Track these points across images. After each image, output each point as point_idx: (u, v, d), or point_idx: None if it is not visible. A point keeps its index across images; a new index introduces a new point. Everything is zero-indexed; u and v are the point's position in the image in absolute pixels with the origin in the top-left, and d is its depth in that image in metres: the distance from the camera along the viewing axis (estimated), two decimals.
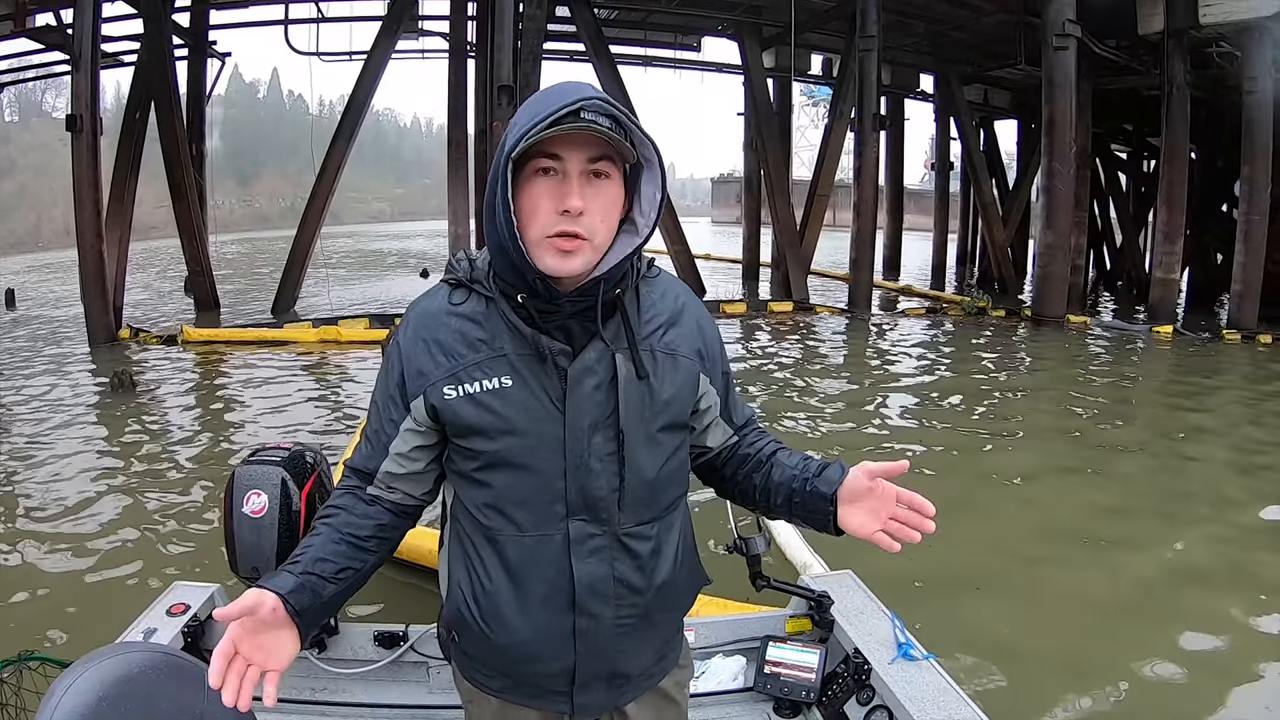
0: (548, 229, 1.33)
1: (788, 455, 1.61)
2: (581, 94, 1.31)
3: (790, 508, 1.56)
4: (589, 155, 1.34)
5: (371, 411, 1.52)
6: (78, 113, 12.69)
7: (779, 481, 1.57)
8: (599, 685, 1.51)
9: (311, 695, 2.53)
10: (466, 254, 1.52)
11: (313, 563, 1.40)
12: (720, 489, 1.72)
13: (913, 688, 2.24)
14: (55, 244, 41.48)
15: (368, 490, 1.50)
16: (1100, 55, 17.00)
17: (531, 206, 1.34)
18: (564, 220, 1.33)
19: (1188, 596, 4.77)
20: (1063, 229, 15.64)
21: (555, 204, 1.33)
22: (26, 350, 13.14)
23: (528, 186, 1.34)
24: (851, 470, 1.48)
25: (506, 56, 13.92)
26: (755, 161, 22.18)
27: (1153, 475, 7.07)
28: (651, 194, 1.43)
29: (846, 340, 14.63)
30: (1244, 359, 13.20)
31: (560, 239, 1.33)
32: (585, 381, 1.40)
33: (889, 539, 1.44)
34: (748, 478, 1.63)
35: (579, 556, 1.42)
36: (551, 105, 1.29)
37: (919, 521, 1.44)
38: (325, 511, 1.49)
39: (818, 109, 53.58)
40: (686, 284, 1.62)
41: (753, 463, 1.63)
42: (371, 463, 1.49)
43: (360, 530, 1.47)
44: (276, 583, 1.34)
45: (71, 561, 5.09)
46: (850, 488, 1.47)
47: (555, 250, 1.34)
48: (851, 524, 1.48)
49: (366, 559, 1.48)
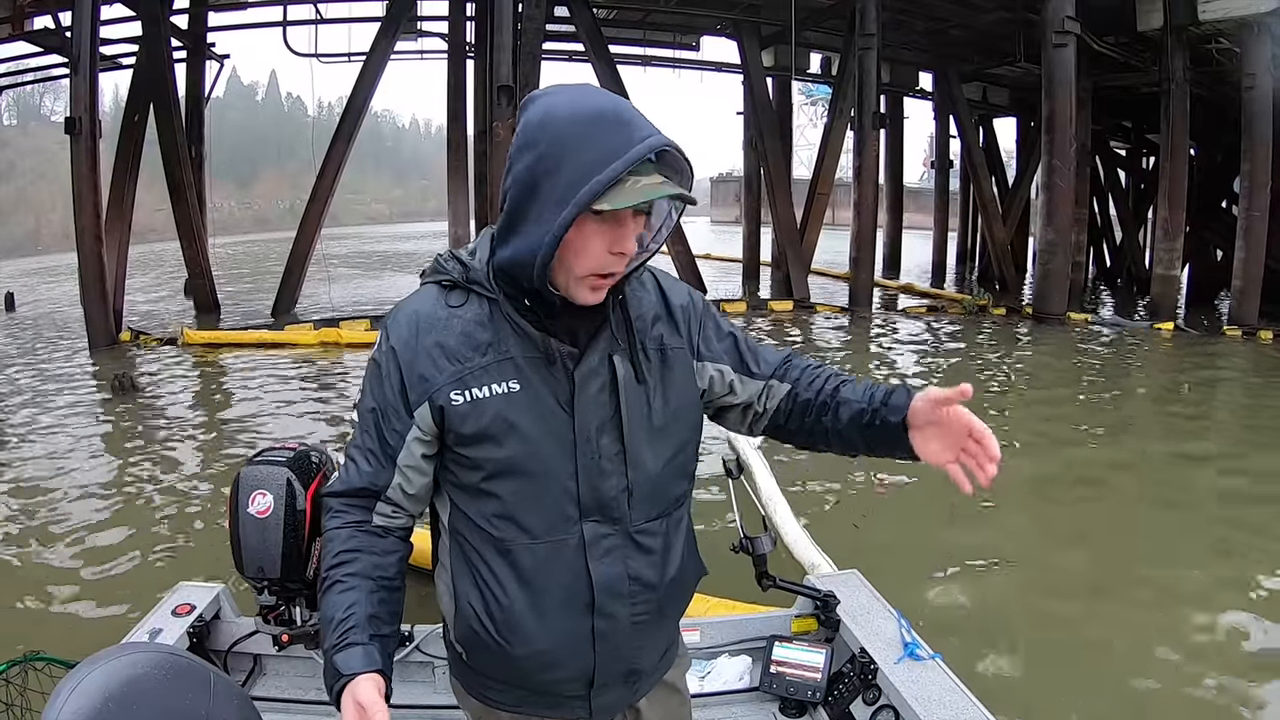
0: (598, 269, 1.31)
1: (850, 389, 1.54)
2: (664, 141, 1.26)
3: (870, 444, 1.52)
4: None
5: (366, 422, 1.45)
6: (77, 115, 12.70)
7: (848, 421, 1.51)
8: (616, 685, 1.50)
9: (318, 695, 2.52)
10: (455, 254, 1.47)
11: (368, 622, 1.38)
12: (795, 441, 1.64)
13: (919, 687, 2.24)
14: (54, 247, 41.45)
15: (374, 523, 1.45)
16: (1100, 52, 17.01)
17: (582, 246, 1.29)
18: (615, 261, 1.31)
19: (1179, 581, 4.81)
20: (1063, 226, 15.63)
21: (609, 245, 1.30)
22: (27, 353, 13.14)
23: (580, 223, 1.27)
24: (917, 397, 1.43)
25: (506, 57, 13.91)
26: (755, 160, 22.16)
27: (1151, 475, 7.07)
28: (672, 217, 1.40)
29: (847, 339, 14.62)
30: (1246, 355, 13.20)
31: (601, 278, 1.32)
32: (591, 383, 1.39)
33: (961, 474, 1.40)
34: (816, 423, 1.56)
35: (594, 558, 1.41)
36: (628, 156, 1.23)
37: (984, 463, 1.39)
38: (344, 558, 1.43)
39: (816, 108, 53.50)
40: (685, 282, 1.60)
41: (816, 407, 1.55)
42: (378, 479, 1.44)
43: (389, 570, 1.45)
44: (356, 663, 1.35)
45: (76, 563, 5.10)
46: (916, 413, 1.42)
47: (592, 289, 1.33)
48: (926, 452, 1.44)
49: (401, 598, 1.47)
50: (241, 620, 2.63)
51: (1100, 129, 20.99)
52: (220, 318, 16.82)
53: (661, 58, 23.78)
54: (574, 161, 1.24)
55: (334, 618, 1.38)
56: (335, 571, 1.42)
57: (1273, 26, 14.53)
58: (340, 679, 1.34)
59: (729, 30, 21.37)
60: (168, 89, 16.39)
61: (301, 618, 2.28)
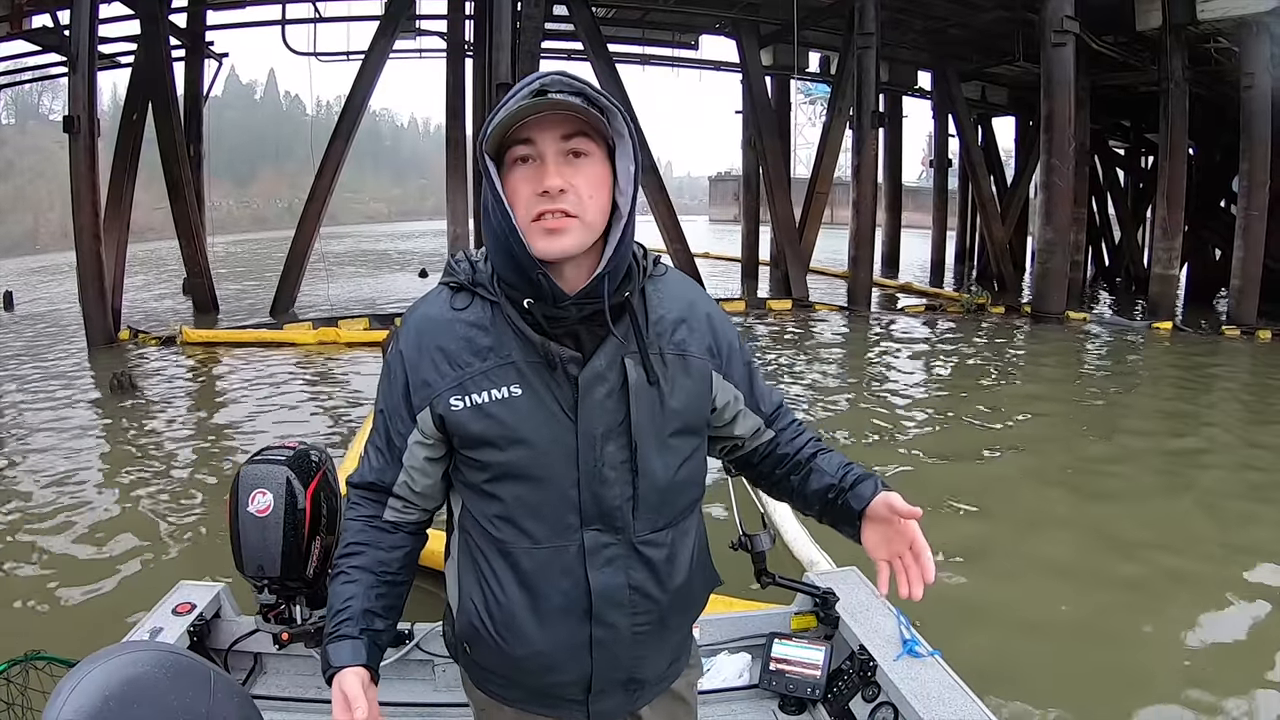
0: (530, 212, 1.32)
1: (827, 460, 1.60)
2: (543, 74, 1.31)
3: (822, 513, 1.58)
4: (562, 134, 1.32)
5: (378, 422, 1.49)
6: (75, 114, 12.69)
7: (815, 489, 1.57)
8: (615, 692, 1.50)
9: (318, 693, 2.52)
10: (466, 255, 1.48)
11: (362, 616, 1.43)
12: (756, 482, 1.71)
13: (918, 684, 2.25)
14: (53, 246, 41.47)
15: (385, 517, 1.48)
16: (1098, 51, 17.04)
17: (513, 195, 1.33)
18: (544, 201, 1.31)
19: (1178, 576, 4.81)
20: (1062, 225, 15.65)
21: (533, 187, 1.32)
22: (26, 352, 13.13)
23: (509, 178, 1.34)
24: (880, 497, 1.48)
25: (505, 55, 13.92)
26: (754, 159, 22.17)
27: (1150, 475, 7.07)
28: (626, 169, 1.38)
29: (846, 338, 14.63)
30: (1245, 354, 13.23)
31: (546, 219, 1.32)
32: (597, 389, 1.38)
33: (886, 573, 1.46)
34: (785, 478, 1.62)
35: (594, 566, 1.40)
36: (515, 91, 1.29)
37: (915, 577, 1.43)
38: (352, 549, 1.48)
39: (815, 107, 53.50)
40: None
41: (790, 463, 1.61)
42: (386, 476, 1.47)
43: (393, 565, 1.48)
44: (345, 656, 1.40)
45: (76, 561, 5.10)
46: (875, 509, 1.48)
47: (542, 231, 1.32)
48: (868, 541, 1.49)
49: (404, 591, 1.51)
50: (242, 619, 2.63)
51: (1099, 128, 21.00)
52: (219, 316, 16.82)
53: (660, 57, 23.78)
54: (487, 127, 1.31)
55: (333, 607, 1.45)
56: (342, 562, 1.48)
57: (1271, 26, 14.56)
58: (329, 670, 1.40)
59: (728, 29, 21.37)
60: (166, 88, 16.38)
61: (301, 616, 2.28)
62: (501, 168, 1.34)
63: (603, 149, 1.36)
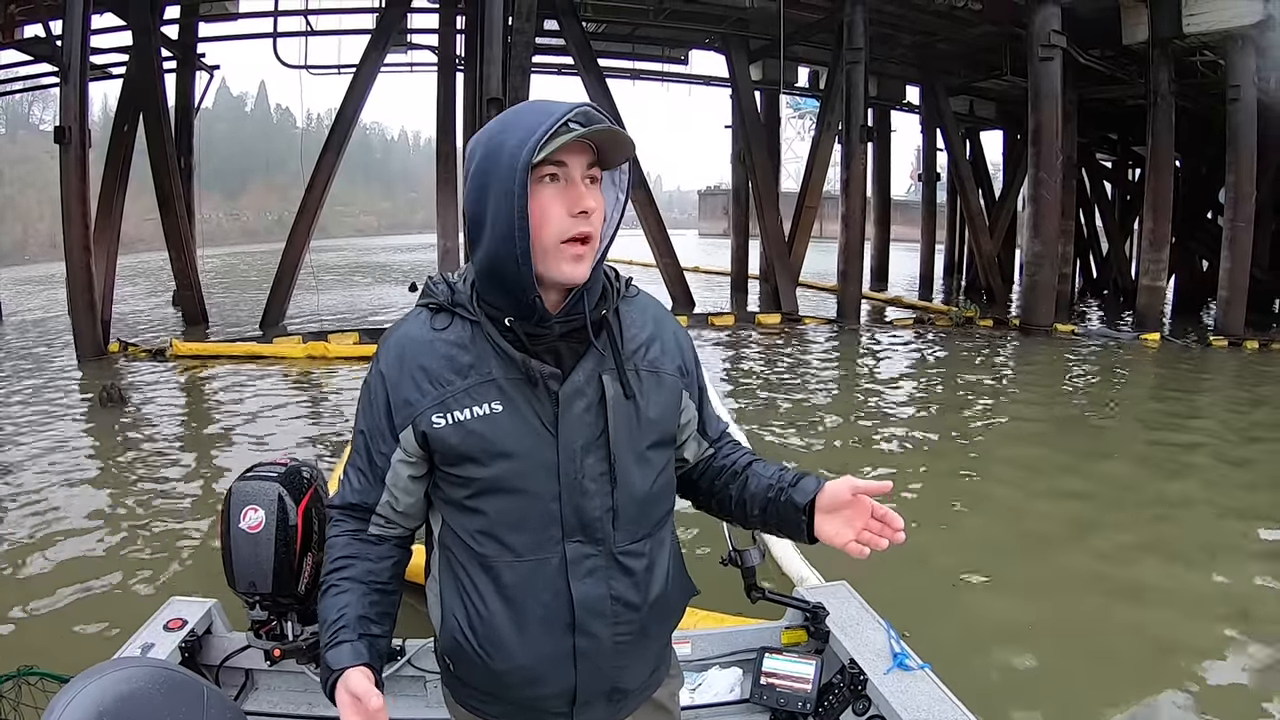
0: (564, 233, 1.35)
1: (763, 466, 1.64)
2: (577, 105, 1.34)
3: (765, 517, 1.59)
4: (587, 161, 1.37)
5: (358, 443, 1.51)
6: (66, 125, 12.65)
7: (754, 492, 1.60)
8: (599, 703, 1.51)
9: (310, 710, 2.52)
10: (444, 276, 1.51)
11: (358, 622, 1.44)
12: (696, 501, 1.73)
13: (908, 698, 2.25)
14: (42, 257, 41.37)
15: (370, 531, 1.50)
16: (1086, 65, 17.16)
17: (541, 214, 1.34)
18: (579, 221, 1.35)
19: (1168, 589, 4.83)
20: (1050, 238, 15.75)
21: (568, 207, 1.35)
22: (14, 365, 13.05)
23: (537, 195, 1.35)
24: (835, 482, 1.50)
25: (495, 70, 13.95)
26: (743, 173, 22.23)
27: (1140, 486, 7.09)
28: (614, 197, 1.46)
29: (835, 352, 14.65)
30: (1232, 365, 13.31)
31: (574, 244, 1.36)
32: (576, 403, 1.41)
33: (859, 547, 1.47)
34: (724, 489, 1.65)
35: (576, 578, 1.42)
36: (553, 114, 1.31)
37: (890, 534, 1.46)
38: (340, 564, 1.49)
39: (804, 121, 53.79)
40: (675, 297, 1.64)
41: (728, 474, 1.64)
42: (369, 497, 1.49)
43: (382, 575, 1.50)
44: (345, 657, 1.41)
45: (66, 576, 5.06)
46: (831, 497, 1.49)
47: (571, 257, 1.36)
48: (826, 532, 1.50)
49: (396, 601, 1.53)
50: (233, 635, 2.63)
51: (1086, 141, 21.16)
52: (209, 329, 16.77)
53: (650, 71, 23.86)
54: (509, 145, 1.31)
55: (327, 619, 1.45)
56: (331, 576, 1.49)
57: (1256, 39, 14.71)
58: (332, 674, 1.40)
59: (717, 44, 21.48)
60: (157, 99, 16.34)
61: (293, 633, 2.28)
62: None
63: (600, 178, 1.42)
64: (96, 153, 14.01)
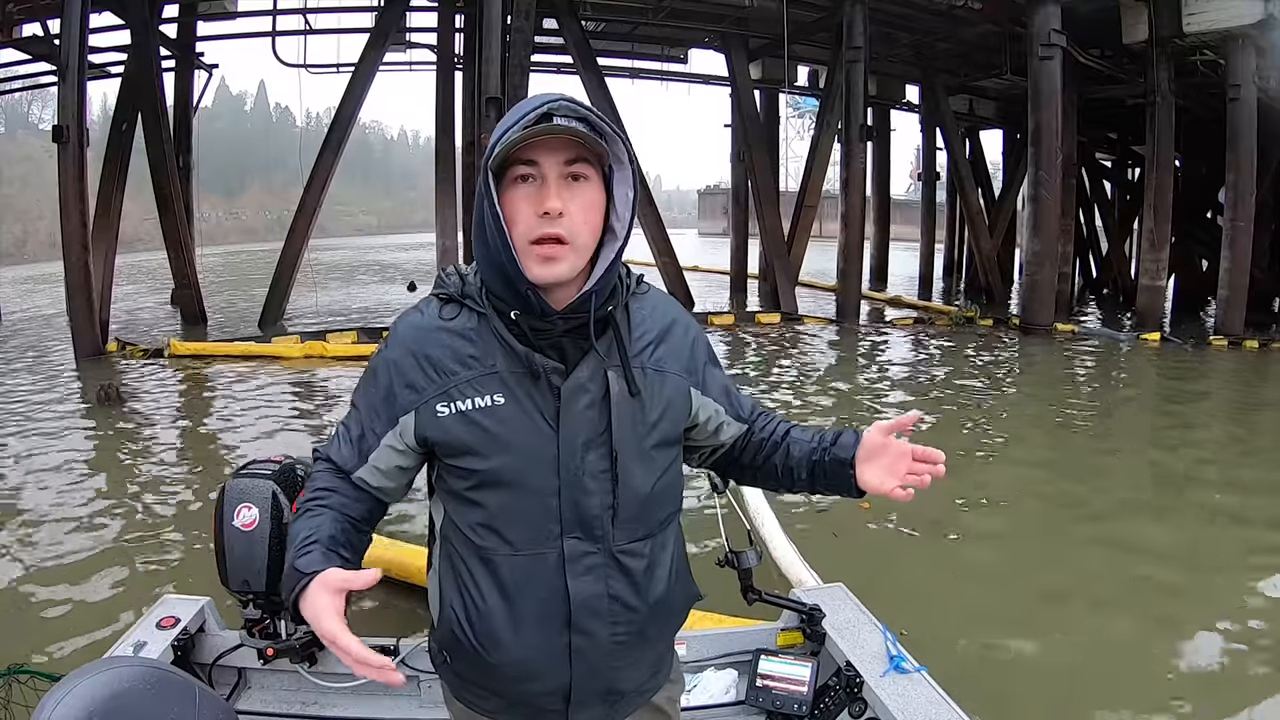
0: (530, 233, 1.35)
1: (801, 432, 1.66)
2: (551, 98, 1.33)
3: (813, 479, 1.61)
4: (565, 158, 1.36)
5: (352, 414, 1.51)
6: (64, 124, 12.62)
7: (798, 457, 1.62)
8: (595, 703, 1.50)
9: (302, 709, 2.51)
10: (457, 268, 1.52)
11: (329, 540, 1.39)
12: (741, 477, 1.75)
13: (904, 700, 2.25)
14: (41, 256, 41.25)
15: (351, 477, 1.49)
16: (1085, 64, 17.13)
17: (512, 213, 1.36)
18: (544, 223, 1.34)
19: (1167, 590, 4.82)
20: (1049, 237, 15.75)
21: (534, 207, 1.34)
22: (13, 363, 13.04)
23: (508, 195, 1.36)
24: (866, 431, 1.53)
25: (494, 69, 13.93)
26: (742, 173, 22.19)
27: (1141, 486, 7.10)
28: (624, 194, 1.43)
29: (835, 351, 14.65)
30: (1231, 364, 13.31)
31: (541, 245, 1.35)
32: (579, 399, 1.40)
33: (903, 492, 1.50)
34: (767, 460, 1.66)
35: (574, 574, 1.42)
36: (522, 112, 1.32)
37: (932, 470, 1.50)
38: (318, 494, 1.47)
39: (803, 120, 53.73)
40: (675, 296, 1.63)
41: (769, 445, 1.66)
42: (349, 464, 1.48)
43: (357, 513, 1.47)
44: (316, 561, 1.33)
45: (60, 574, 5.05)
46: (867, 447, 1.53)
47: (538, 258, 1.35)
48: (871, 482, 1.53)
49: (366, 541, 1.50)
50: (226, 633, 2.62)
51: (1086, 141, 21.13)
52: (207, 328, 16.75)
53: (650, 70, 23.84)
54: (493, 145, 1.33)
55: (298, 535, 1.40)
56: (308, 504, 1.47)
57: (1256, 39, 14.71)
58: (302, 578, 1.30)
59: (717, 43, 21.43)
60: (156, 98, 16.31)
61: (286, 631, 2.28)
62: (500, 183, 1.37)
63: (599, 173, 1.40)
64: (95, 152, 13.98)
